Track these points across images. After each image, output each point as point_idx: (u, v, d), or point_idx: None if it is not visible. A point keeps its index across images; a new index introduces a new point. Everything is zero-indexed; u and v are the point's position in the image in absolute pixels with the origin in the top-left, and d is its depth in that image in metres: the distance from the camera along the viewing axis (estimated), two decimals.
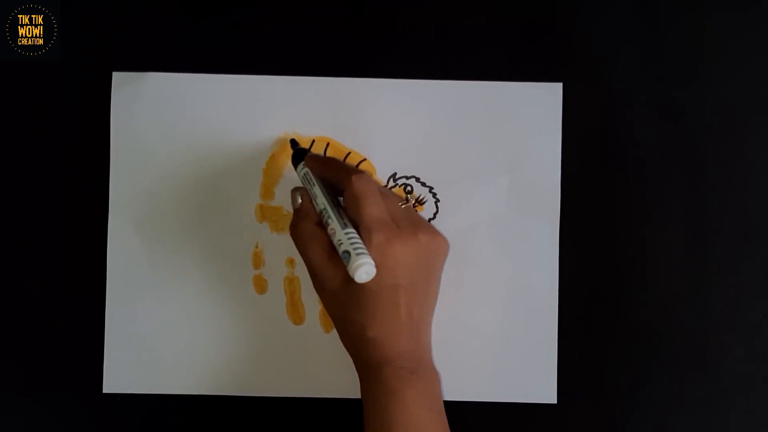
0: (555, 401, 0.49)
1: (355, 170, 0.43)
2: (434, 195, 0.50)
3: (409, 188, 0.50)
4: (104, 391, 0.49)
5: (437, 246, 0.43)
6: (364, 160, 0.50)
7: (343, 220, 0.41)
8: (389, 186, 0.50)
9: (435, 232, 0.43)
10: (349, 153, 0.50)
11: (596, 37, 0.50)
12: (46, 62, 0.50)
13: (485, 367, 0.49)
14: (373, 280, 0.40)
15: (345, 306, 0.41)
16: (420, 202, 0.50)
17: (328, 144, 0.50)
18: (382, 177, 0.50)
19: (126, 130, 0.50)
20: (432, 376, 0.43)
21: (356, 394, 0.46)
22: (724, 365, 0.50)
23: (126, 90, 0.49)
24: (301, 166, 0.46)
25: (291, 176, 0.50)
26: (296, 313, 0.50)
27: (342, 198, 0.43)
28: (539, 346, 0.49)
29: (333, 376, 0.49)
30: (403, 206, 0.44)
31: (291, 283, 0.50)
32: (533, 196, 0.50)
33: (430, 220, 0.50)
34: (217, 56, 0.50)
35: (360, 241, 0.39)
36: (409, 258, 0.41)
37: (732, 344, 0.50)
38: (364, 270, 0.39)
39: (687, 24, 0.50)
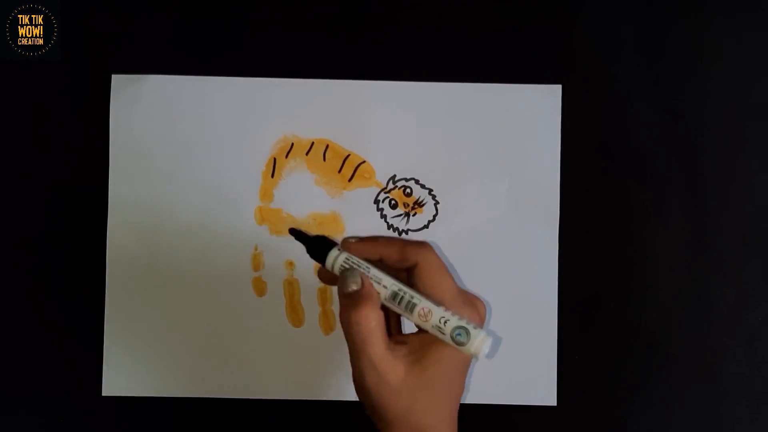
0: (555, 403, 0.49)
1: (421, 242, 0.38)
2: (434, 197, 0.50)
3: (408, 190, 0.50)
4: (103, 393, 0.49)
5: (485, 311, 0.39)
6: (364, 162, 0.50)
7: (429, 299, 0.36)
8: (388, 188, 0.50)
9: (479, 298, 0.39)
10: (349, 155, 0.50)
11: (596, 39, 0.50)
12: (46, 62, 0.50)
13: (485, 370, 0.49)
14: (449, 361, 0.36)
15: (413, 396, 0.36)
16: (419, 204, 0.50)
17: (327, 146, 0.50)
18: (381, 179, 0.50)
19: (125, 133, 0.50)
20: None
21: (355, 396, 0.46)
22: (724, 367, 0.49)
23: (125, 93, 0.49)
24: (335, 253, 0.38)
25: (290, 178, 0.50)
26: (296, 316, 0.49)
27: (415, 273, 0.38)
28: (539, 348, 0.49)
29: (332, 378, 0.49)
30: None
31: (290, 285, 0.49)
32: (533, 198, 0.49)
33: (429, 222, 0.50)
34: (216, 59, 0.50)
35: (459, 315, 0.35)
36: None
37: (732, 346, 0.50)
38: (488, 344, 0.35)
39: (686, 26, 0.50)
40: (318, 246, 0.39)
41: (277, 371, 0.49)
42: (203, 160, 0.49)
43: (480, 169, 0.50)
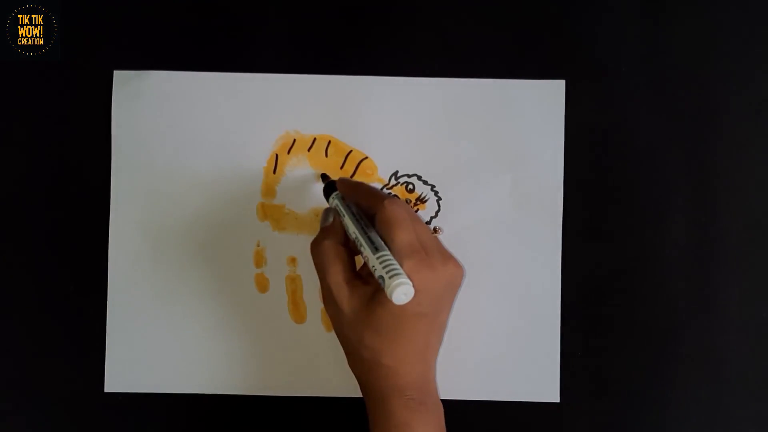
0: (558, 400, 0.49)
1: (387, 195, 0.41)
2: (436, 193, 0.50)
3: (410, 186, 0.50)
4: (106, 390, 0.49)
5: (460, 277, 0.41)
6: (366, 158, 0.50)
7: (374, 244, 0.39)
8: (391, 185, 0.50)
9: (458, 264, 0.41)
10: (351, 151, 0.50)
11: (599, 34, 0.50)
12: (46, 62, 0.50)
13: (488, 366, 0.49)
14: (397, 306, 0.38)
15: (361, 330, 0.39)
16: (422, 200, 0.50)
17: (329, 142, 0.50)
18: (383, 175, 0.50)
19: (127, 129, 0.49)
20: (439, 408, 0.43)
21: (358, 392, 0.46)
22: (729, 364, 0.49)
23: (127, 88, 0.49)
24: (333, 196, 0.45)
25: (292, 175, 0.50)
26: (298, 312, 0.49)
27: (375, 221, 0.41)
28: (542, 345, 0.49)
29: (335, 374, 0.49)
30: (431, 234, 0.42)
31: (293, 281, 0.49)
32: (536, 194, 0.49)
33: (431, 218, 0.50)
34: (218, 54, 0.50)
35: (395, 262, 0.38)
36: (436, 287, 0.39)
37: (737, 343, 0.49)
38: (402, 290, 0.37)
39: (691, 20, 0.50)
40: (327, 189, 0.46)
41: (279, 368, 0.49)
42: (205, 156, 0.49)
43: (483, 165, 0.50)
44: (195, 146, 0.49)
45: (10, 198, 0.50)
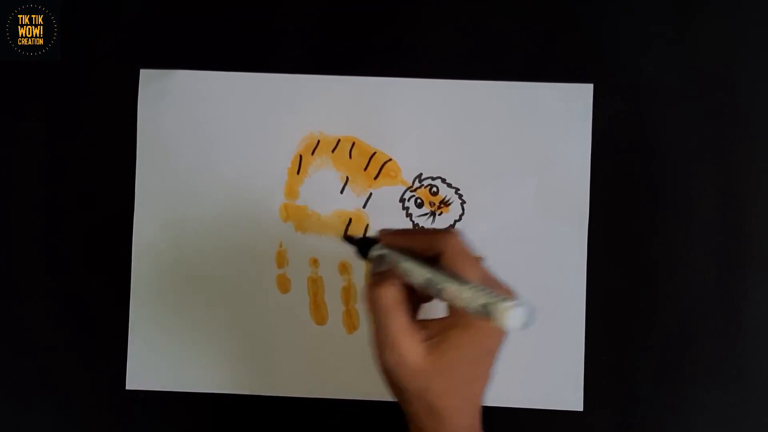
0: (581, 408, 0.48)
1: (447, 230, 0.39)
2: (460, 196, 0.49)
3: (434, 189, 0.49)
4: (127, 387, 0.49)
5: None
6: (390, 160, 0.49)
7: (458, 279, 0.36)
8: (414, 187, 0.49)
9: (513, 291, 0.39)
10: (375, 153, 0.49)
11: (625, 35, 0.49)
12: (46, 62, 0.50)
13: (511, 373, 0.48)
14: (471, 346, 0.36)
15: (429, 377, 0.37)
16: (446, 203, 0.49)
17: (353, 143, 0.49)
18: (407, 177, 0.49)
19: (152, 128, 0.50)
20: None
21: (378, 396, 0.46)
22: (757, 370, 0.48)
23: (152, 87, 0.50)
24: (376, 248, 0.40)
25: (316, 175, 0.49)
26: (319, 314, 0.49)
27: (441, 260, 0.38)
28: (566, 351, 0.48)
29: (355, 377, 0.49)
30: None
31: (314, 283, 0.49)
32: (561, 198, 0.49)
33: (455, 222, 0.49)
34: (243, 55, 0.50)
35: (496, 292, 0.35)
36: None
37: (763, 347, 0.48)
38: (516, 313, 0.33)
39: (719, 21, 0.49)
40: (363, 248, 0.41)
41: (299, 369, 0.49)
42: (229, 157, 0.49)
43: (508, 168, 0.49)
44: (219, 146, 0.50)
45: (23, 199, 0.50)
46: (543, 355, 0.49)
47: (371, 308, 0.38)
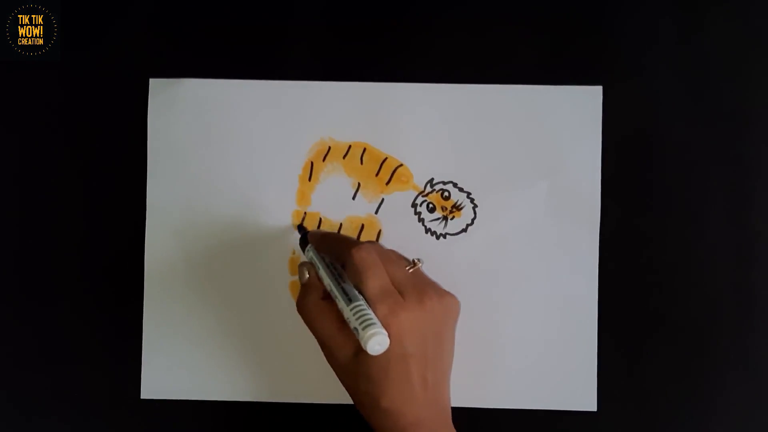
0: (595, 409, 0.49)
1: (356, 242, 0.42)
2: (472, 201, 0.49)
3: (446, 194, 0.49)
4: (142, 397, 0.49)
5: (445, 309, 0.41)
6: (401, 165, 0.49)
7: (348, 296, 0.40)
8: (426, 192, 0.49)
9: (443, 294, 0.41)
10: (386, 158, 0.49)
11: (635, 37, 0.49)
12: (46, 62, 0.50)
13: (524, 375, 0.49)
14: (385, 354, 0.38)
15: (356, 377, 0.40)
16: (458, 207, 0.49)
17: (364, 149, 0.49)
18: (419, 182, 0.49)
19: (162, 136, 0.50)
20: None
21: None
22: None
23: (162, 96, 0.49)
24: (308, 248, 0.45)
25: (328, 182, 0.49)
26: None
27: (345, 271, 0.42)
28: (579, 353, 0.49)
29: None
30: (410, 270, 0.42)
31: None
32: (572, 201, 0.49)
33: (468, 226, 0.49)
34: (251, 62, 0.50)
35: (369, 312, 0.38)
36: (415, 326, 0.39)
37: None
38: (375, 341, 0.37)
39: (729, 23, 0.49)
40: (302, 241, 0.47)
41: (315, 375, 0.49)
42: (240, 164, 0.49)
43: (519, 172, 0.49)
44: (230, 154, 0.49)
45: (28, 203, 0.50)
46: (556, 356, 0.49)
47: (304, 321, 0.42)
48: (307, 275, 0.43)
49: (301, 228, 0.49)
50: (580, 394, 0.49)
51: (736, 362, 0.49)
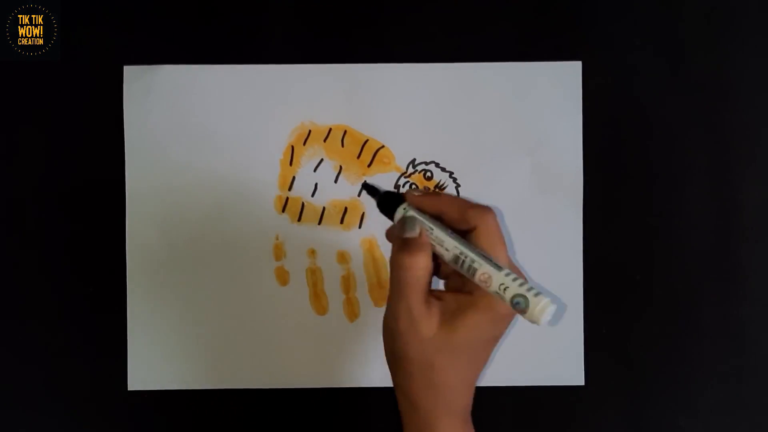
0: (583, 383, 0.49)
1: (476, 205, 0.38)
2: (455, 180, 0.49)
3: (428, 174, 0.49)
4: (129, 388, 0.49)
5: None
6: (383, 147, 0.49)
7: (492, 261, 0.36)
8: (409, 173, 0.49)
9: None
10: (367, 140, 0.49)
11: (613, 11, 0.49)
12: (46, 62, 0.49)
13: (511, 352, 0.49)
14: (482, 330, 0.37)
15: (437, 351, 0.37)
16: (441, 188, 0.49)
17: (345, 132, 0.49)
18: (401, 163, 0.49)
19: (139, 125, 0.49)
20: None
21: (382, 383, 0.46)
22: (754, 337, 0.49)
23: (138, 84, 0.49)
24: (403, 208, 0.39)
25: (309, 166, 0.49)
26: (320, 304, 0.49)
27: (474, 236, 0.38)
28: (565, 328, 0.49)
29: (359, 365, 0.49)
30: None
31: (313, 273, 0.49)
32: (556, 177, 0.49)
33: None
34: (228, 47, 0.49)
35: (527, 282, 0.35)
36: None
37: (761, 316, 0.49)
38: (550, 311, 0.34)
39: None
40: (388, 201, 0.40)
41: (302, 360, 0.49)
42: (220, 150, 0.49)
43: (501, 150, 0.49)
44: (209, 141, 0.49)
45: (22, 200, 0.49)
46: (543, 332, 0.49)
47: (396, 274, 0.37)
48: (417, 230, 0.37)
49: (368, 186, 0.42)
50: (568, 369, 0.49)
51: (721, 333, 0.49)
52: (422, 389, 0.38)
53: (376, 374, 0.48)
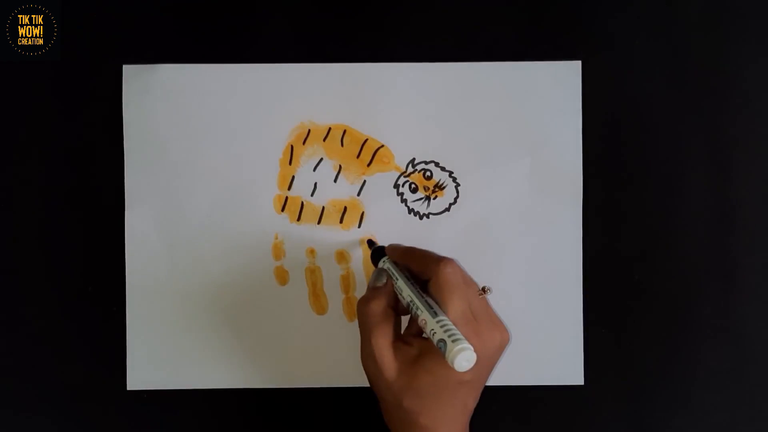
0: (582, 382, 0.49)
1: (440, 258, 0.41)
2: (454, 179, 0.49)
3: (428, 173, 0.49)
4: (128, 388, 0.49)
5: (501, 341, 0.41)
6: (382, 146, 0.49)
7: (432, 309, 0.39)
8: (408, 172, 0.49)
9: (500, 326, 0.41)
10: (367, 140, 0.49)
11: (613, 11, 0.49)
12: (46, 62, 0.49)
13: (511, 351, 0.49)
14: (442, 373, 0.38)
15: (402, 393, 0.39)
16: (440, 187, 0.49)
17: (345, 131, 0.49)
18: (400, 163, 0.49)
19: (138, 124, 0.49)
20: None
21: None
22: (754, 336, 0.49)
23: (137, 83, 0.49)
24: (383, 261, 0.44)
25: (308, 165, 0.49)
26: (319, 303, 0.49)
27: (429, 286, 0.41)
28: (565, 328, 0.49)
29: (358, 364, 0.49)
30: (480, 297, 0.41)
31: (312, 273, 0.49)
32: (555, 177, 0.49)
33: (450, 205, 0.49)
34: (228, 46, 0.49)
35: (455, 328, 0.38)
36: (482, 355, 0.39)
37: (760, 315, 0.49)
38: (464, 357, 0.36)
39: None
40: (375, 255, 0.46)
41: (302, 359, 0.49)
42: (219, 150, 0.49)
43: (500, 149, 0.49)
44: (209, 140, 0.49)
45: (23, 200, 0.49)
46: (543, 332, 0.49)
47: (360, 320, 0.41)
48: (384, 280, 0.43)
49: (371, 243, 0.48)
50: (567, 369, 0.49)
51: (719, 332, 0.49)
52: (398, 426, 0.41)
53: None
